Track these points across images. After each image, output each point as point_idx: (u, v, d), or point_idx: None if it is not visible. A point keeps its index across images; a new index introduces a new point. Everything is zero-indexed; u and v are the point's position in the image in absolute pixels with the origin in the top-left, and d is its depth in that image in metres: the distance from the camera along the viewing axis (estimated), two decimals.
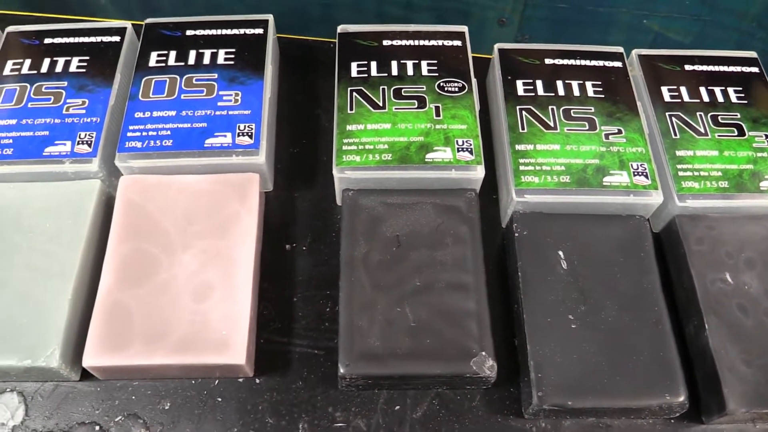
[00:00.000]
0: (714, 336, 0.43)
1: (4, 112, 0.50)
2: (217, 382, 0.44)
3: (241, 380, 0.44)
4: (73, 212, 0.47)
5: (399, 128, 0.49)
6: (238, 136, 0.48)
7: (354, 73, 0.51)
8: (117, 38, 0.54)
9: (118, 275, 0.45)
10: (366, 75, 0.51)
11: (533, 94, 0.51)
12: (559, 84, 0.51)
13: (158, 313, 0.43)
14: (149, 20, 0.54)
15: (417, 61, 0.52)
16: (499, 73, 0.52)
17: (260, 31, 0.54)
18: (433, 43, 0.53)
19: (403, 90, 0.50)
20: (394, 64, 0.52)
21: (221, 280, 0.44)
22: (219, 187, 0.48)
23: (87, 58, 0.52)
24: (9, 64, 0.52)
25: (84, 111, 0.50)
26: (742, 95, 0.52)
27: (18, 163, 0.48)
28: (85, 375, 0.44)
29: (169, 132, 0.49)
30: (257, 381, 0.45)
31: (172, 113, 0.49)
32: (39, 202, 0.48)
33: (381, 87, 0.51)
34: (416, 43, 0.53)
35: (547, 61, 0.53)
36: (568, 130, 0.49)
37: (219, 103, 0.50)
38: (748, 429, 0.44)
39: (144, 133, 0.49)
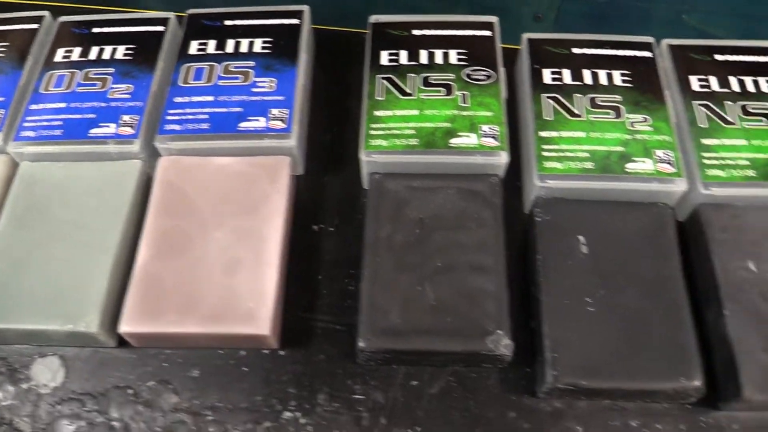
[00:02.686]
0: (733, 322, 0.43)
1: (55, 96, 0.53)
2: (244, 353, 0.47)
3: (266, 352, 0.47)
4: (116, 190, 0.50)
5: (426, 114, 0.50)
6: (271, 120, 0.51)
7: (384, 62, 0.53)
8: (161, 28, 0.56)
9: (154, 249, 0.47)
10: (396, 64, 0.53)
11: (560, 83, 0.52)
12: (587, 73, 0.52)
13: (191, 286, 0.46)
14: (192, 11, 0.57)
15: (446, 51, 0.53)
16: (527, 63, 0.53)
17: (296, 21, 0.56)
18: (462, 33, 0.54)
19: (431, 78, 0.52)
20: (423, 53, 0.53)
21: (250, 256, 0.47)
22: (252, 169, 0.50)
23: (133, 46, 0.55)
24: (60, 52, 0.56)
25: (129, 96, 0.53)
26: None
27: (66, 143, 0.51)
28: (122, 343, 0.47)
29: (206, 116, 0.51)
30: (281, 353, 0.46)
31: (210, 98, 0.52)
32: (85, 180, 0.51)
33: (410, 75, 0.52)
34: (446, 32, 0.54)
35: (575, 50, 0.53)
36: (593, 118, 0.50)
37: (254, 89, 0.52)
38: (765, 417, 0.44)
39: (183, 117, 0.51)
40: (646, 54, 0.53)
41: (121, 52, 0.55)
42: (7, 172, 0.52)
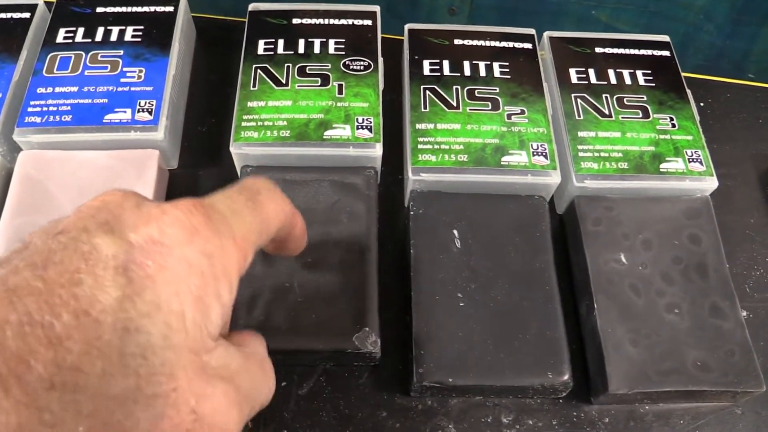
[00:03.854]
0: (602, 315, 0.43)
1: None
2: None
3: None
4: None
5: (300, 105, 0.48)
6: (138, 112, 0.48)
7: (260, 51, 0.51)
8: (27, 15, 0.53)
9: (9, 248, 0.44)
10: (272, 53, 0.51)
11: (439, 74, 0.51)
12: (466, 64, 0.51)
13: None
14: None
15: (324, 40, 0.52)
16: (406, 53, 0.52)
17: (170, 9, 0.54)
18: (343, 22, 0.53)
19: (307, 68, 0.50)
20: (301, 42, 0.52)
21: None
22: (117, 163, 0.48)
23: None
24: None
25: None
26: (651, 78, 0.51)
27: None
28: None
29: (69, 107, 0.48)
30: None
31: (74, 89, 0.49)
32: None
33: (286, 65, 0.50)
34: (326, 21, 0.53)
35: (457, 41, 0.52)
36: (470, 110, 0.49)
37: (122, 80, 0.50)
38: (636, 410, 0.44)
39: (44, 109, 0.48)
40: (527, 46, 0.52)
41: None
42: None
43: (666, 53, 0.53)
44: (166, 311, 0.23)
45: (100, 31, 0.52)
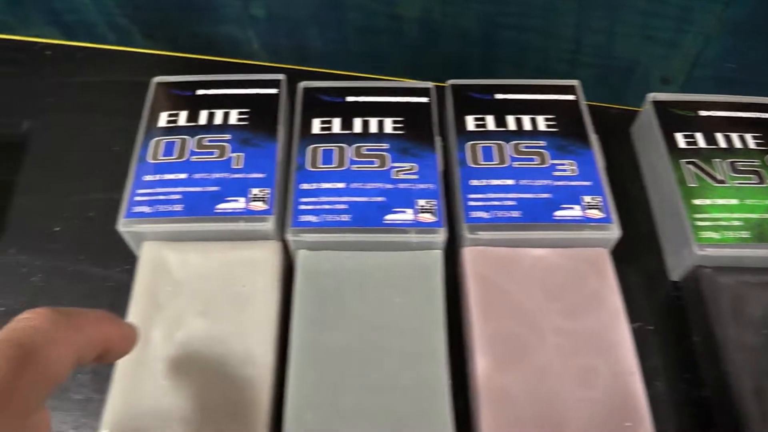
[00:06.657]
0: None
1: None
2: None
3: None
4: (422, 286, 0.45)
5: (746, 204, 0.48)
6: (587, 209, 0.47)
7: (682, 145, 0.50)
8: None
9: (494, 358, 0.42)
10: (695, 147, 0.50)
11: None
12: (719, 136, 0.51)
13: (546, 401, 0.41)
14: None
15: (741, 134, 0.51)
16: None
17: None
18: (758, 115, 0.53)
19: (738, 164, 0.50)
20: (719, 136, 0.51)
21: (605, 364, 0.42)
22: (571, 263, 0.46)
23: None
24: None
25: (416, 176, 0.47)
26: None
27: (357, 231, 0.45)
28: None
29: (514, 202, 0.47)
30: None
31: (511, 182, 0.47)
32: (381, 272, 0.45)
33: (714, 160, 0.50)
34: (734, 114, 0.53)
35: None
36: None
37: (554, 173, 0.48)
38: None
39: (486, 203, 0.47)
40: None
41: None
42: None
43: None
44: None
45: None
